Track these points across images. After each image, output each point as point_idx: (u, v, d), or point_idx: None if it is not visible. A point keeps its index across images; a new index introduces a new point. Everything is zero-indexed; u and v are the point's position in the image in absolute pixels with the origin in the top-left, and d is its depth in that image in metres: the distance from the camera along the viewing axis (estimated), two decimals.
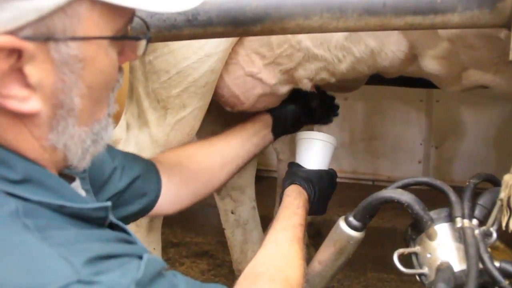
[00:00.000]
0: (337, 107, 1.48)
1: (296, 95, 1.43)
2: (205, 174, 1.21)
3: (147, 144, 1.37)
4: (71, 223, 0.65)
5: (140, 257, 0.64)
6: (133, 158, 1.12)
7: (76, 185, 0.81)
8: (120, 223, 0.77)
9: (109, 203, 0.71)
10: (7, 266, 0.57)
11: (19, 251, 0.58)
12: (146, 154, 1.37)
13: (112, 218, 0.74)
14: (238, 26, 0.99)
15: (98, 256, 0.60)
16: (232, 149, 1.28)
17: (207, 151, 1.25)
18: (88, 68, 0.65)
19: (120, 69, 0.73)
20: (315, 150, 1.31)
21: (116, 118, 1.14)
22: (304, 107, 1.43)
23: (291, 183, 1.23)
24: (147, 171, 1.12)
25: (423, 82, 1.42)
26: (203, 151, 1.25)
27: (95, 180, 0.94)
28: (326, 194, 1.29)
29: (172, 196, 1.14)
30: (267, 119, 1.38)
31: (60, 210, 0.64)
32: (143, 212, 1.11)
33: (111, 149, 1.06)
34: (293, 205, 1.15)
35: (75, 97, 0.65)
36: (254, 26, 0.99)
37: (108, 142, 0.74)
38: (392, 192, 0.97)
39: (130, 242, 0.71)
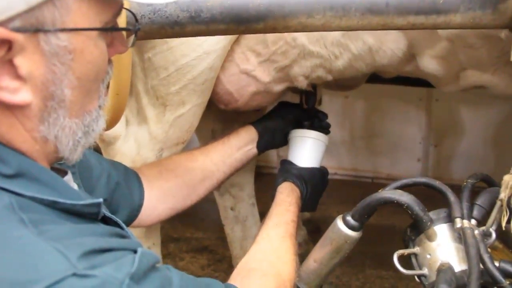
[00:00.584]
0: (328, 125, 1.42)
1: (282, 108, 1.42)
2: (185, 190, 1.21)
3: (146, 140, 1.37)
4: (65, 218, 0.65)
5: (134, 251, 0.64)
6: (118, 166, 1.11)
7: (68, 178, 0.81)
8: (114, 217, 0.77)
9: (100, 200, 0.71)
10: (3, 261, 0.57)
11: (15, 246, 0.58)
12: (145, 150, 1.37)
13: (105, 212, 0.74)
14: (241, 24, 0.99)
15: (93, 250, 0.60)
16: (213, 164, 1.26)
17: (188, 166, 1.23)
18: (77, 59, 0.65)
19: (110, 61, 0.73)
20: (307, 148, 1.32)
21: (119, 114, 1.13)
22: (290, 121, 1.39)
23: (284, 180, 1.24)
24: (131, 181, 1.11)
25: (423, 81, 1.42)
26: (184, 165, 1.23)
27: (84, 178, 0.93)
28: (317, 191, 1.30)
29: (150, 209, 1.14)
30: (253, 133, 1.34)
31: (53, 205, 0.65)
32: (127, 222, 1.09)
33: (98, 157, 1.06)
34: (285, 202, 1.16)
35: (65, 88, 0.66)
36: (257, 24, 0.99)
37: (99, 133, 0.74)
38: (391, 193, 0.97)
39: (124, 236, 0.71)
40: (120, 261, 0.62)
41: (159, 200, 1.16)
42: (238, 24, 0.99)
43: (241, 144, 1.31)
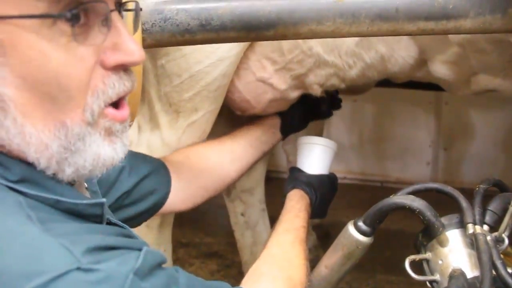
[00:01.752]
0: (340, 100, 1.53)
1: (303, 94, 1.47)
2: (215, 170, 1.23)
3: (158, 147, 1.38)
4: (69, 219, 0.65)
5: (140, 250, 0.64)
6: (141, 157, 1.13)
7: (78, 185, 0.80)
8: (119, 222, 0.77)
9: (103, 200, 0.70)
10: (9, 253, 0.58)
11: (21, 239, 0.59)
12: (157, 156, 1.38)
13: (110, 217, 0.74)
14: (251, 31, 1.00)
15: (98, 246, 0.61)
16: (241, 146, 1.31)
17: (216, 148, 1.28)
18: (12, 54, 0.58)
19: (127, 70, 0.67)
20: (316, 155, 1.33)
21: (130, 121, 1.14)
22: (310, 105, 1.46)
23: (293, 187, 1.25)
24: (156, 169, 1.13)
25: (432, 85, 1.43)
26: (212, 148, 1.28)
27: (103, 181, 0.93)
28: (327, 198, 1.31)
29: (183, 192, 1.16)
30: (275, 119, 1.42)
31: (56, 205, 0.65)
32: (153, 209, 1.13)
33: None
34: (295, 209, 1.17)
35: (6, 87, 0.59)
36: (267, 31, 1.00)
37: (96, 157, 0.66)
38: (403, 198, 0.97)
39: (130, 236, 0.71)
40: (124, 257, 0.62)
41: (191, 182, 1.18)
42: (249, 32, 1.00)
43: (265, 128, 1.38)
